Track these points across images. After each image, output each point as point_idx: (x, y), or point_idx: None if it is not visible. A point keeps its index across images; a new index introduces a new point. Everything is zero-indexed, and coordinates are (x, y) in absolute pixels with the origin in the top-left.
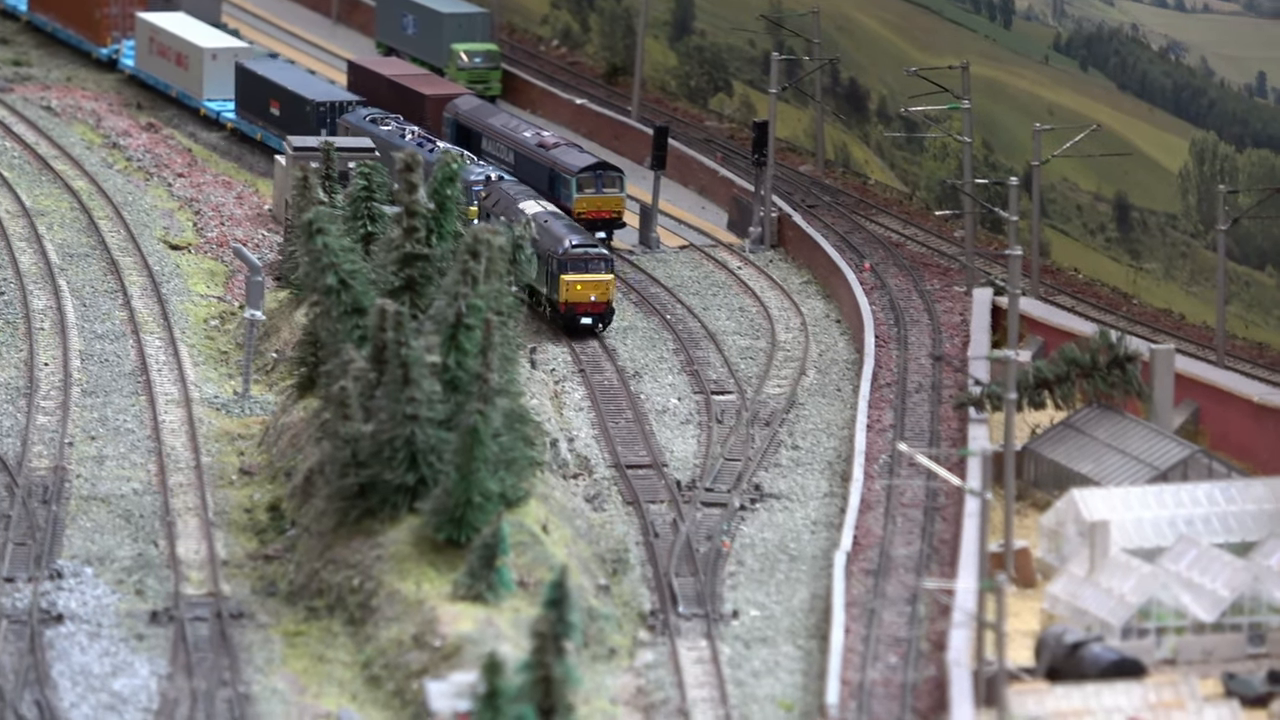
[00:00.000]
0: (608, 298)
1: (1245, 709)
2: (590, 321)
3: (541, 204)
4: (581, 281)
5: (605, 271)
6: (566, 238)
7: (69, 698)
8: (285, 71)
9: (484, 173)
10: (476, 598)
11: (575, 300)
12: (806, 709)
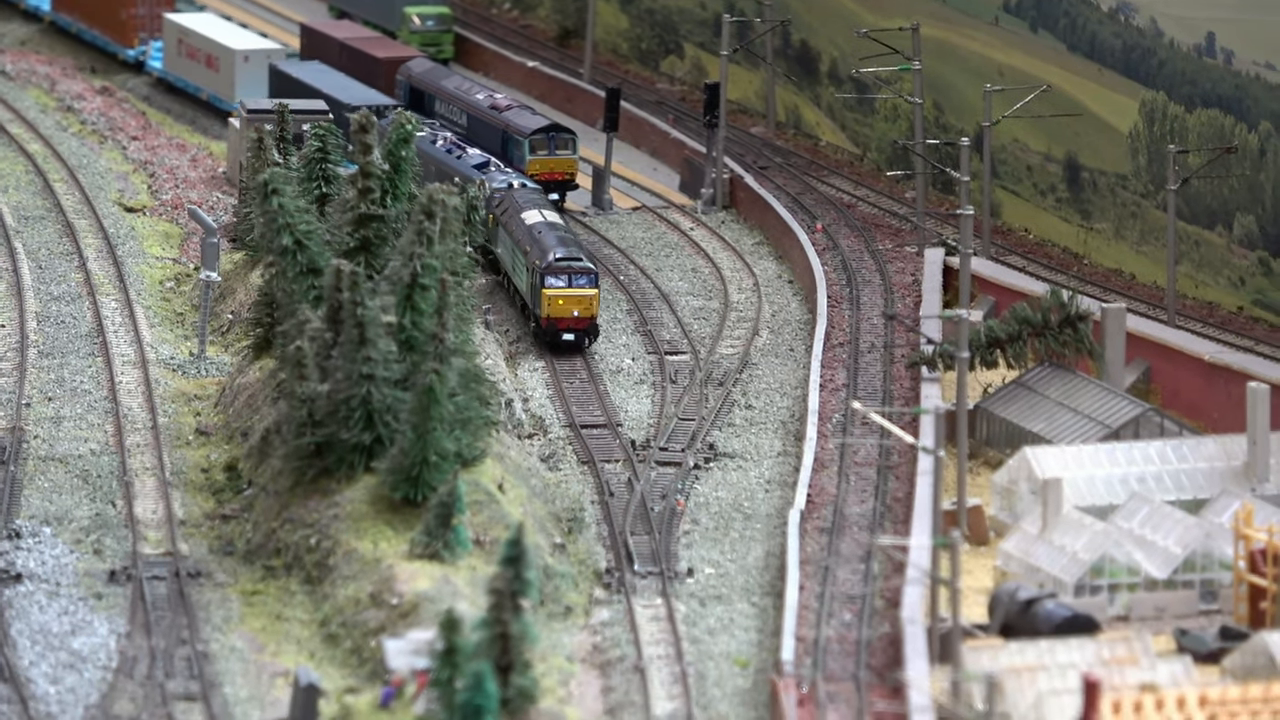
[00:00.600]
0: (591, 313)
1: (1198, 665)
2: (572, 338)
3: (543, 214)
4: (564, 296)
5: (589, 286)
6: (553, 250)
7: (28, 656)
8: (321, 74)
9: (506, 181)
10: (433, 556)
11: (557, 315)
12: (762, 665)
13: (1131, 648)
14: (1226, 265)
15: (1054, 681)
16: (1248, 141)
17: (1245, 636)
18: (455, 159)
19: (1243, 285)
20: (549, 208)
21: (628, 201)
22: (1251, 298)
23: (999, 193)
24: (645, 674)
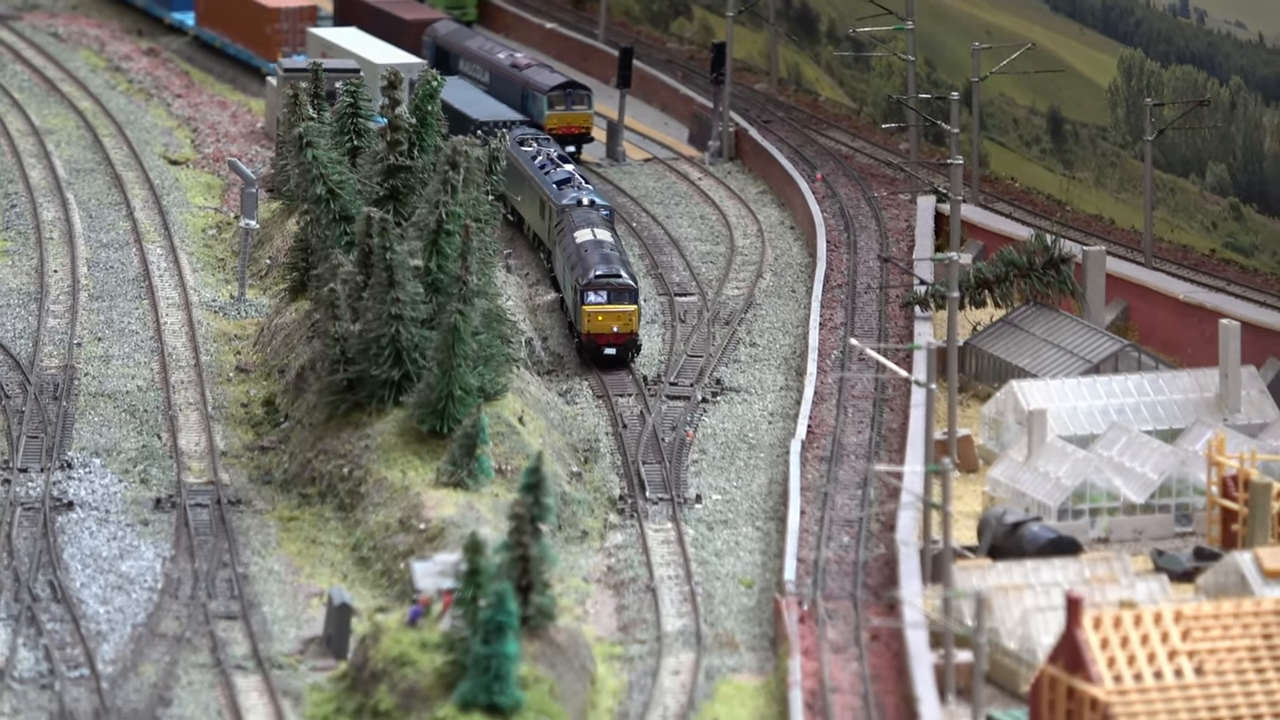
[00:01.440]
0: (631, 329)
1: (1173, 583)
2: (613, 353)
3: (594, 232)
4: (603, 312)
5: (629, 302)
6: (595, 267)
7: (79, 578)
8: (455, 89)
9: (576, 198)
10: (458, 484)
11: (597, 331)
12: (765, 585)
13: (1111, 567)
14: (1200, 211)
15: (1039, 599)
16: (1219, 95)
17: (1218, 557)
18: (542, 172)
19: (1215, 229)
20: (603, 225)
21: (640, 153)
22: (1223, 241)
23: (987, 144)
24: (656, 593)
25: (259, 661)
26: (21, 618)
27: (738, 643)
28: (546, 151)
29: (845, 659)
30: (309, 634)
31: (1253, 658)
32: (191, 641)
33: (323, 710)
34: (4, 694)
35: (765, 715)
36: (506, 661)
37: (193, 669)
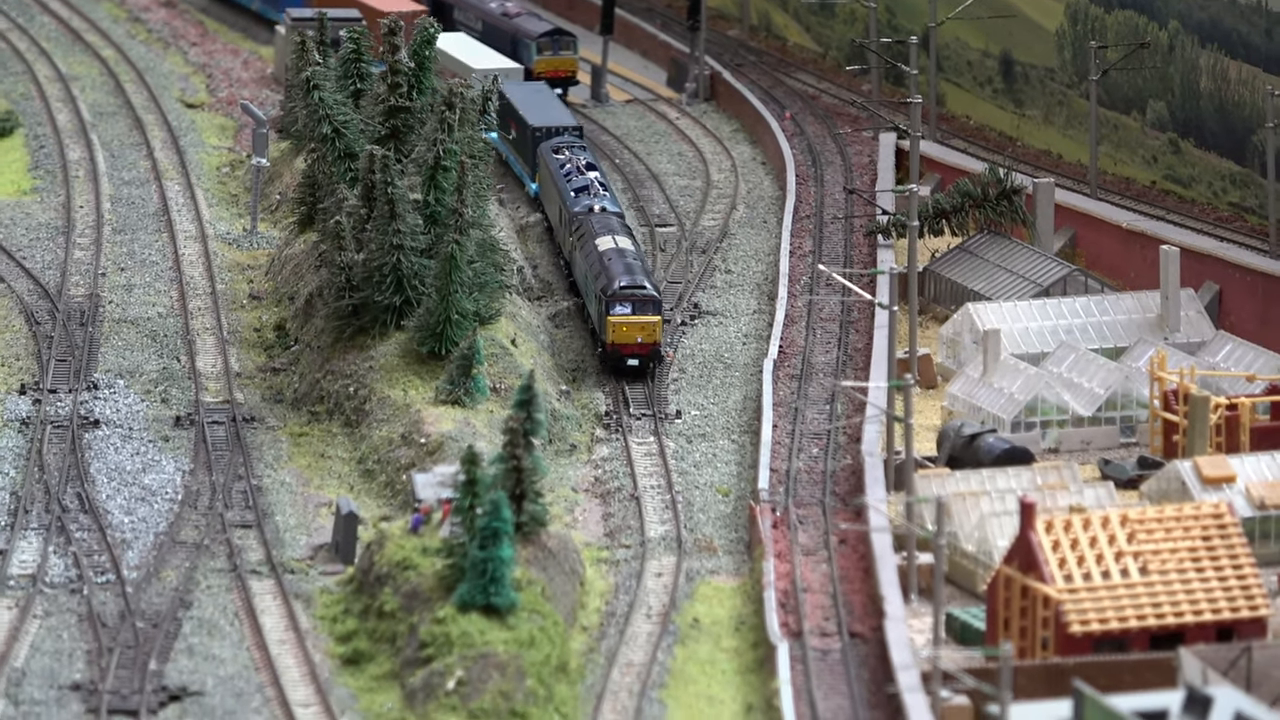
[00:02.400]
0: (654, 339)
1: (1119, 490)
2: (636, 363)
3: (616, 240)
4: (628, 323)
5: (653, 313)
6: (619, 278)
7: (105, 490)
8: (522, 92)
9: (589, 205)
10: (456, 402)
11: (621, 341)
12: (741, 493)
13: (1062, 475)
14: (1141, 145)
15: (995, 505)
16: (1159, 38)
17: (1160, 465)
18: (564, 178)
19: (1155, 163)
20: (624, 233)
21: (622, 95)
22: (1162, 173)
23: (943, 85)
24: (640, 502)
25: (272, 567)
26: (52, 527)
27: (716, 547)
28: (575, 160)
29: (815, 561)
30: (318, 541)
31: (1193, 558)
32: (210, 548)
33: (332, 611)
34: (36, 597)
35: (742, 614)
36: (502, 565)
37: (211, 574)
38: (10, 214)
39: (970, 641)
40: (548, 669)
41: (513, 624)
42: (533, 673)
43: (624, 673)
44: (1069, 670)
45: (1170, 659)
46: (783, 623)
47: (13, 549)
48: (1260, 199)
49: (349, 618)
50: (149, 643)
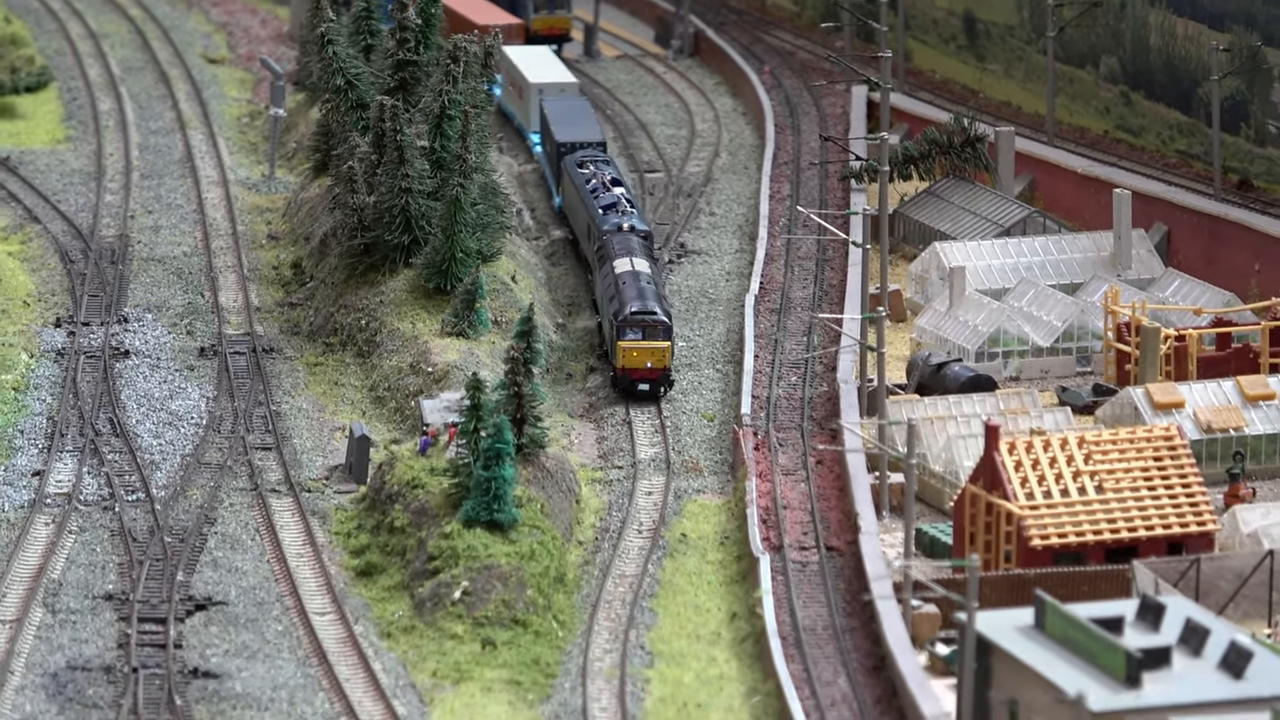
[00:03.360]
0: (664, 364)
1: (1076, 415)
2: (647, 388)
3: (633, 262)
4: (638, 348)
5: (662, 339)
6: (630, 303)
7: (135, 416)
8: (559, 106)
9: (617, 224)
10: (460, 333)
11: (631, 366)
12: (725, 419)
13: (1023, 401)
14: (1094, 97)
15: (961, 428)
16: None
17: (1113, 392)
18: (591, 194)
19: (1108, 113)
20: (642, 254)
21: (612, 51)
22: (1114, 123)
23: (910, 41)
24: (631, 426)
25: (291, 486)
26: (86, 450)
27: (702, 468)
28: (601, 175)
29: (794, 481)
30: (333, 462)
31: (1145, 477)
32: (232, 469)
33: (346, 527)
34: (72, 514)
35: (726, 529)
36: (504, 484)
37: (234, 493)
38: (45, 161)
39: (938, 555)
40: (547, 580)
41: (514, 538)
42: (533, 583)
43: (617, 583)
44: (1030, 581)
45: (1124, 571)
46: (764, 537)
47: (50, 470)
48: (1205, 146)
49: (362, 533)
50: (176, 556)
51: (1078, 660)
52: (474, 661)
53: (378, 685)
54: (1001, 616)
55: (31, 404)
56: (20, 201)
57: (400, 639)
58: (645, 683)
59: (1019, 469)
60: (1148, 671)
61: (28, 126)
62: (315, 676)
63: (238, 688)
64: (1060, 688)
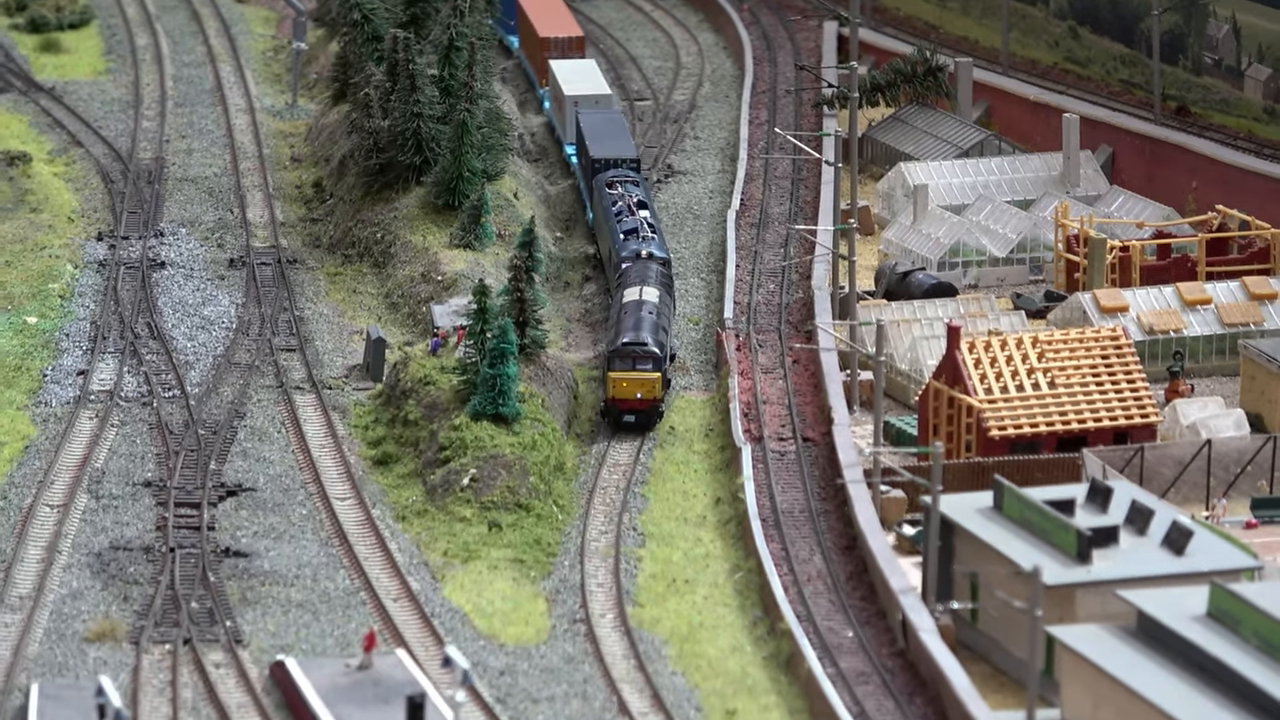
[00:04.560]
0: (654, 395)
1: (1030, 318)
2: (634, 419)
3: (641, 292)
4: (627, 379)
5: (651, 369)
6: (624, 333)
7: (171, 320)
8: (594, 119)
9: (635, 251)
10: (467, 245)
11: (620, 396)
12: (709, 323)
13: (981, 306)
14: (1045, 32)
15: (925, 330)
16: None
17: (1064, 297)
18: (615, 216)
19: (1057, 46)
20: (653, 283)
21: None
22: (1063, 55)
23: None
24: None
25: (313, 383)
26: (126, 351)
27: (688, 367)
28: (628, 196)
29: (773, 378)
30: (352, 362)
31: (1093, 373)
32: (260, 368)
33: (364, 421)
34: (113, 410)
35: (711, 422)
36: (508, 380)
37: (261, 390)
38: (88, 91)
39: (905, 444)
40: (547, 468)
41: (517, 430)
42: (535, 471)
43: (611, 471)
44: (989, 468)
45: (1075, 458)
46: (746, 429)
47: (93, 369)
48: (1146, 76)
49: (378, 426)
50: (209, 447)
51: (1033, 539)
52: (481, 542)
53: (394, 563)
54: (963, 499)
55: (76, 310)
56: (65, 128)
57: (414, 521)
58: (638, 561)
59: (978, 366)
60: (1097, 549)
61: (71, 60)
62: (336, 555)
63: (266, 565)
64: (1017, 563)
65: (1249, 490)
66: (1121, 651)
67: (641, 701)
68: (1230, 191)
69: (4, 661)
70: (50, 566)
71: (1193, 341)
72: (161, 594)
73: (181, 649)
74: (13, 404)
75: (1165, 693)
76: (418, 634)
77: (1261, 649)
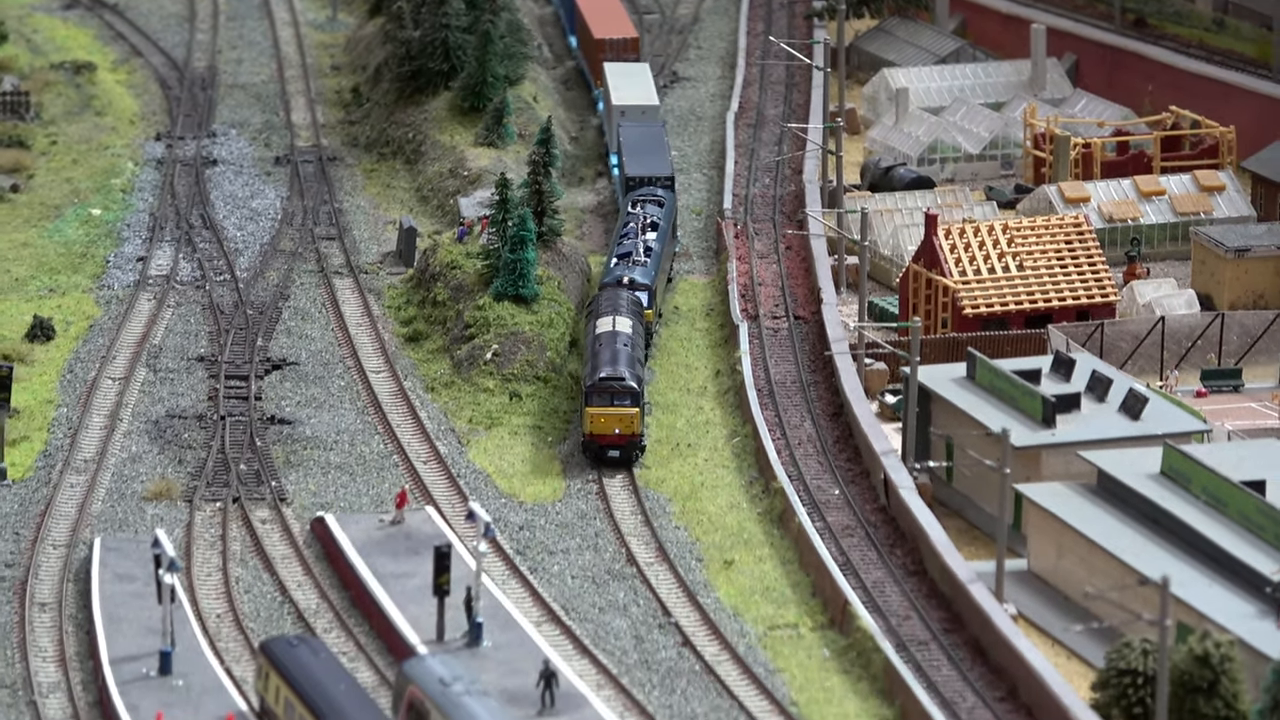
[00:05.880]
0: (633, 430)
1: (1001, 209)
2: (616, 454)
3: (615, 321)
4: (605, 415)
5: (630, 405)
6: (599, 370)
7: (222, 212)
8: (633, 134)
9: (615, 277)
10: (491, 144)
11: (599, 432)
12: (710, 213)
13: (957, 197)
14: None
15: (905, 219)
16: None
17: (1031, 190)
18: (619, 238)
19: None
20: (627, 312)
21: None
22: None
23: None
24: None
25: (351, 268)
26: (181, 240)
27: (691, 253)
28: (643, 217)
29: (768, 262)
30: (386, 249)
31: (1058, 257)
32: (302, 255)
33: (396, 301)
34: (170, 292)
35: (712, 302)
36: (527, 265)
37: (304, 274)
38: (148, 7)
39: (887, 321)
40: (563, 344)
41: (536, 309)
42: (551, 346)
43: None
44: (964, 342)
45: (1041, 334)
46: (743, 309)
47: (151, 256)
48: None
49: (410, 306)
50: (256, 325)
51: (1002, 405)
52: (503, 410)
53: (423, 429)
54: (939, 370)
55: (136, 203)
56: (126, 40)
57: (442, 392)
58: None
59: (954, 251)
60: (1061, 414)
61: None
62: (371, 422)
63: (307, 431)
64: (988, 427)
65: (1199, 362)
66: (1083, 506)
67: (647, 553)
68: (1183, 94)
69: (70, 518)
70: (112, 433)
71: (1148, 229)
72: (213, 457)
73: (230, 506)
74: (79, 287)
75: (1122, 543)
76: (445, 493)
77: (1209, 503)
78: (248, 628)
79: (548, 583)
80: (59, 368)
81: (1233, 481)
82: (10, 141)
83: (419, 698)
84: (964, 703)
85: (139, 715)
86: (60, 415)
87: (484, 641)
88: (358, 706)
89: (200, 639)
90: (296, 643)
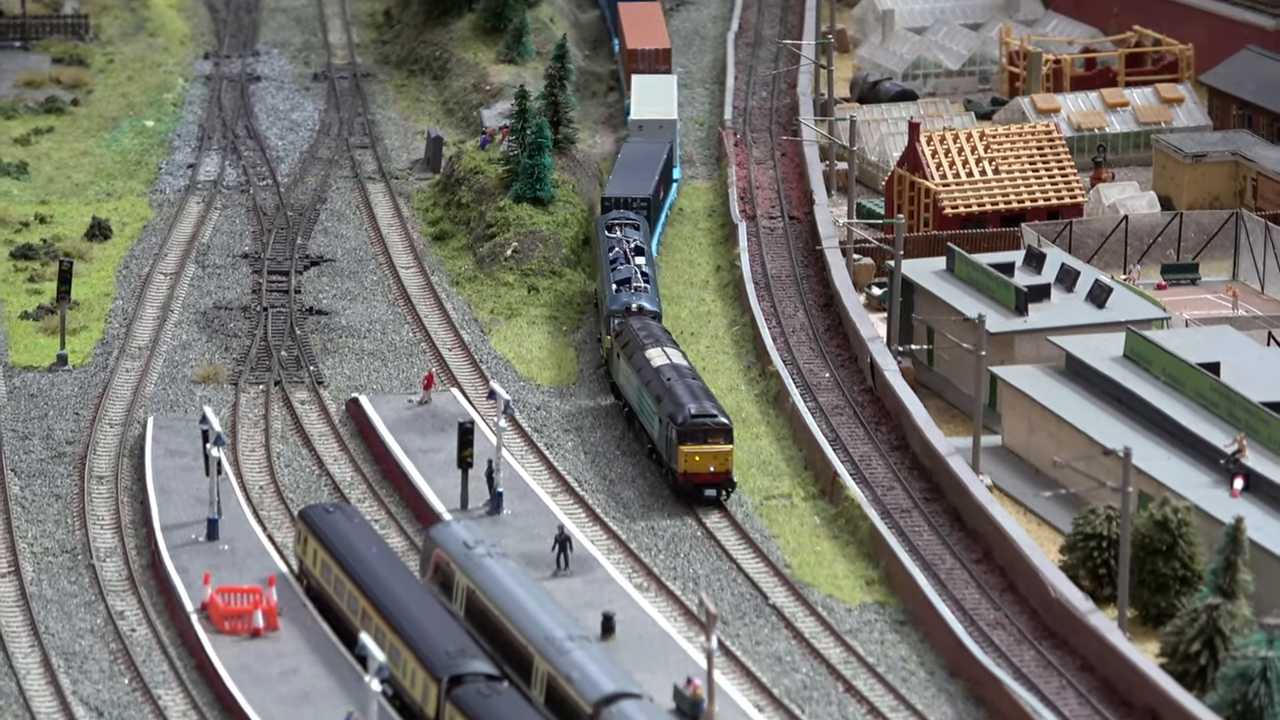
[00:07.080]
0: (727, 467)
1: (978, 120)
2: (713, 492)
3: (668, 354)
4: (700, 453)
5: (725, 442)
6: (687, 405)
7: (264, 124)
8: (633, 152)
9: (626, 303)
10: (511, 61)
11: (694, 471)
12: (712, 123)
13: (938, 108)
14: None
15: (891, 128)
16: None
17: (1006, 102)
18: (609, 263)
19: None
20: (671, 343)
21: None
22: None
23: None
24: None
25: (383, 174)
26: (227, 149)
27: (695, 159)
28: (625, 242)
29: (765, 168)
30: (415, 157)
31: (1030, 162)
32: (338, 162)
33: (425, 204)
34: (217, 196)
35: (713, 204)
36: (544, 169)
37: (340, 180)
38: None
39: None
40: (577, 242)
41: (552, 210)
42: (566, 244)
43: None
44: (944, 239)
45: (1015, 232)
46: (742, 210)
47: (200, 163)
48: None
49: (437, 208)
50: (296, 226)
51: (979, 295)
52: (522, 302)
53: (449, 319)
54: (921, 264)
55: (186, 115)
56: None
57: (466, 286)
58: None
59: (935, 156)
60: (1032, 303)
61: None
62: (401, 313)
63: (343, 322)
64: (965, 314)
65: (1159, 258)
66: (1052, 387)
67: None
68: (1145, 15)
69: (126, 399)
70: (164, 323)
71: (1114, 137)
72: (256, 345)
73: (273, 389)
74: (134, 192)
75: (1088, 420)
76: (468, 376)
77: (1168, 384)
78: (288, 498)
79: (562, 457)
80: (115, 264)
81: (1189, 363)
82: (71, 60)
83: (445, 559)
84: (943, 564)
85: (188, 577)
86: (116, 307)
87: (504, 510)
88: (389, 568)
89: (244, 508)
90: (332, 510)
